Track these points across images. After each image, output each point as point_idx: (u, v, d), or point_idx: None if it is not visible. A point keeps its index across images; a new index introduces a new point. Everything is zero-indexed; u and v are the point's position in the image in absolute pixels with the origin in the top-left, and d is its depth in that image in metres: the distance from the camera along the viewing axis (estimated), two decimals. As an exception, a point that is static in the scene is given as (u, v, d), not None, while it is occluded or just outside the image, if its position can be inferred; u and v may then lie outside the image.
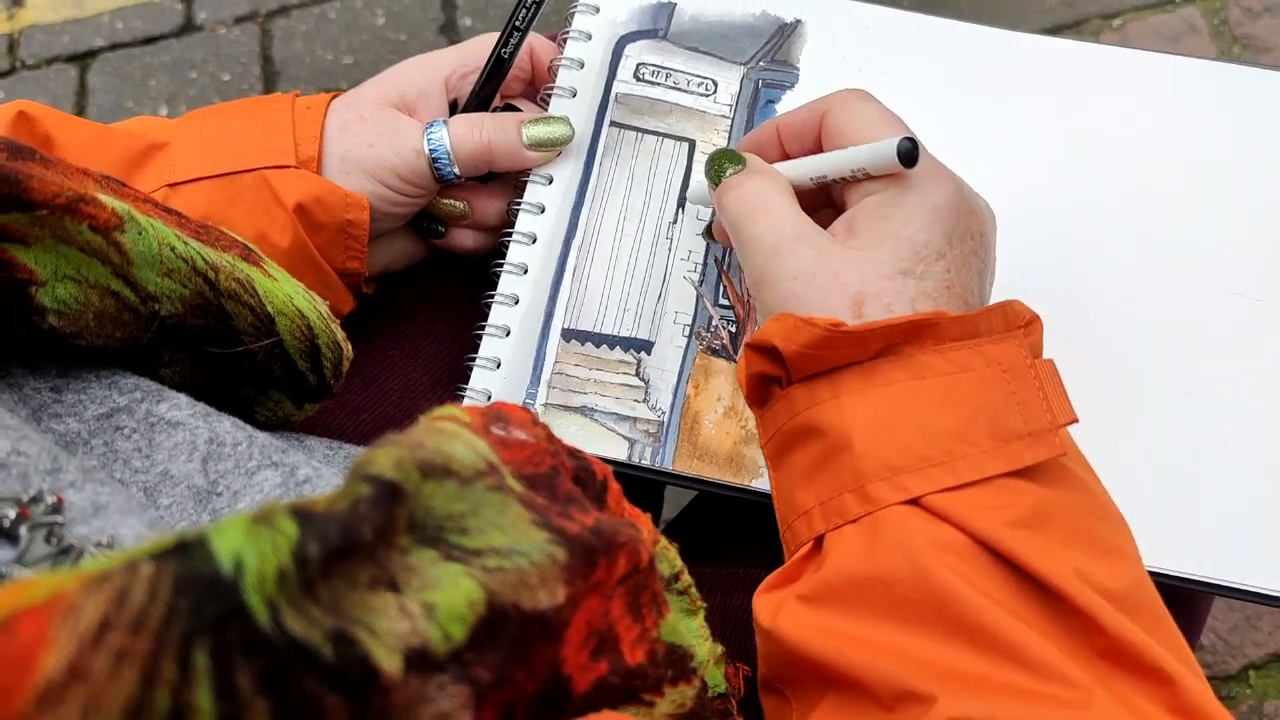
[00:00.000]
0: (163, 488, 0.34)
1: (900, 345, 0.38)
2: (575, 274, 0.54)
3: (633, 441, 0.51)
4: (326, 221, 0.51)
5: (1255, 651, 1.05)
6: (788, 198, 0.43)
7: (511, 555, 0.27)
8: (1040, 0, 1.32)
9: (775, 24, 0.57)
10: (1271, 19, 1.28)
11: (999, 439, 0.36)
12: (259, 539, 0.21)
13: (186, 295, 0.37)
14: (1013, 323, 0.39)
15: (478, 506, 0.28)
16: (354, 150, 0.52)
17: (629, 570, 0.32)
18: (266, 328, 0.40)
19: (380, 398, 0.57)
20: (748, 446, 0.51)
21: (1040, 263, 0.52)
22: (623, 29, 0.57)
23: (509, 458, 0.30)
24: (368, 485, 0.25)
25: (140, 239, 0.35)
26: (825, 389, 0.38)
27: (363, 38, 1.40)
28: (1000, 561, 0.35)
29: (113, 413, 0.35)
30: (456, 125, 0.53)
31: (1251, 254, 0.52)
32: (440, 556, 0.26)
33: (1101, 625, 0.33)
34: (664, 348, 0.53)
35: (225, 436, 0.35)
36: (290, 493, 0.35)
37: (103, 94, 1.40)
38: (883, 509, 0.36)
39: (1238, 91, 0.55)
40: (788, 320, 0.38)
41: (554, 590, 0.28)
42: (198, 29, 1.43)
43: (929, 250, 0.40)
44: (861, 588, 0.36)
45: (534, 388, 0.52)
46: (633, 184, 0.55)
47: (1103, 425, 0.38)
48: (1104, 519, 0.38)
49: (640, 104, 0.56)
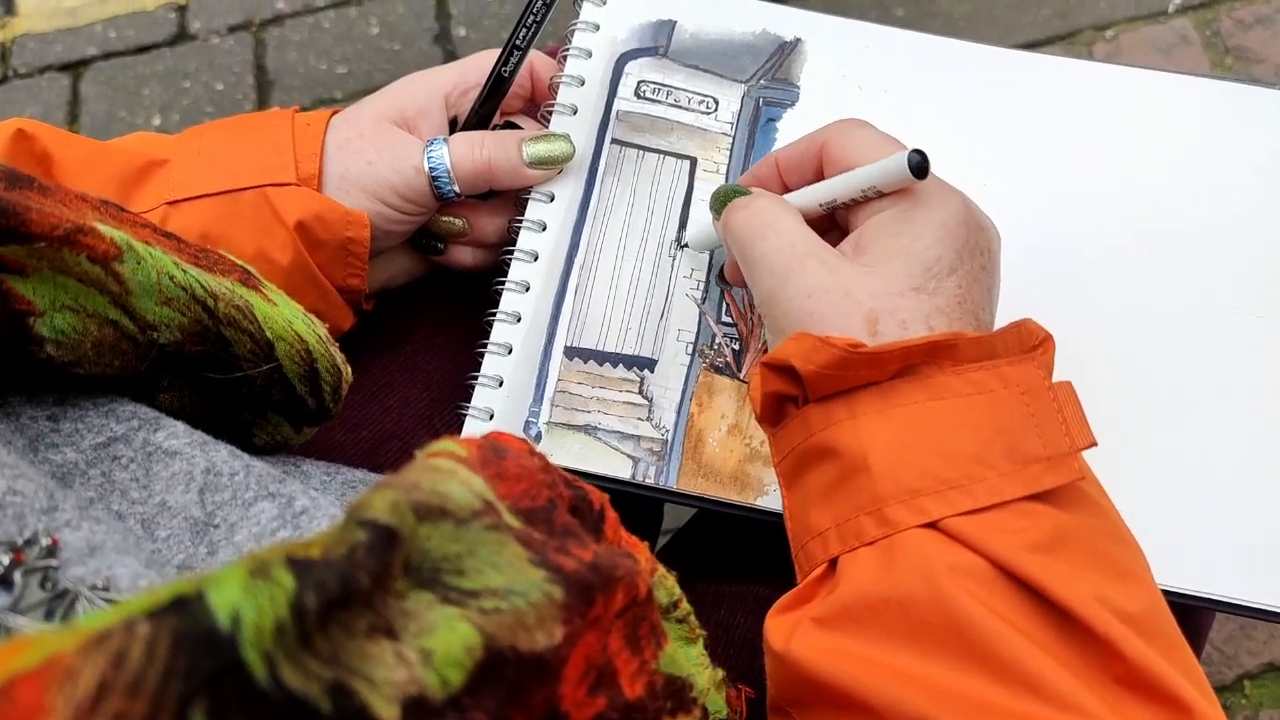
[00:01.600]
0: (160, 519, 0.34)
1: (918, 365, 0.38)
2: (577, 292, 0.53)
3: (636, 460, 0.51)
4: (327, 239, 0.51)
5: (1250, 661, 1.05)
6: (796, 217, 0.43)
7: (509, 596, 0.27)
8: (1033, 11, 1.32)
9: (775, 42, 0.57)
10: (1263, 30, 1.29)
11: (1017, 462, 0.36)
12: (256, 592, 0.21)
13: (185, 323, 0.37)
14: (1027, 343, 0.39)
15: (474, 547, 0.27)
16: (354, 168, 0.51)
17: (627, 603, 0.31)
18: (266, 353, 0.40)
19: (380, 414, 0.56)
20: (752, 464, 0.50)
21: (1040, 280, 0.52)
22: (623, 46, 0.57)
23: (506, 491, 0.30)
24: (364, 531, 0.24)
25: (139, 269, 0.35)
26: (842, 409, 0.38)
27: (357, 47, 1.40)
28: (1019, 586, 0.34)
29: (110, 442, 0.35)
30: (457, 143, 0.53)
31: (1250, 270, 0.52)
32: (437, 599, 0.26)
33: (1121, 652, 0.33)
34: (667, 365, 0.52)
35: (222, 466, 0.35)
36: (287, 524, 0.34)
37: (95, 103, 1.40)
38: (900, 532, 0.36)
39: (1233, 108, 0.55)
40: (806, 340, 0.38)
41: (551, 630, 0.27)
42: (191, 38, 1.42)
43: (940, 266, 0.40)
44: (878, 611, 0.35)
45: (536, 406, 0.52)
46: (634, 202, 0.54)
47: (1101, 441, 0.38)
48: (1120, 542, 0.38)
49: (641, 121, 0.56)
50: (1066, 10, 1.31)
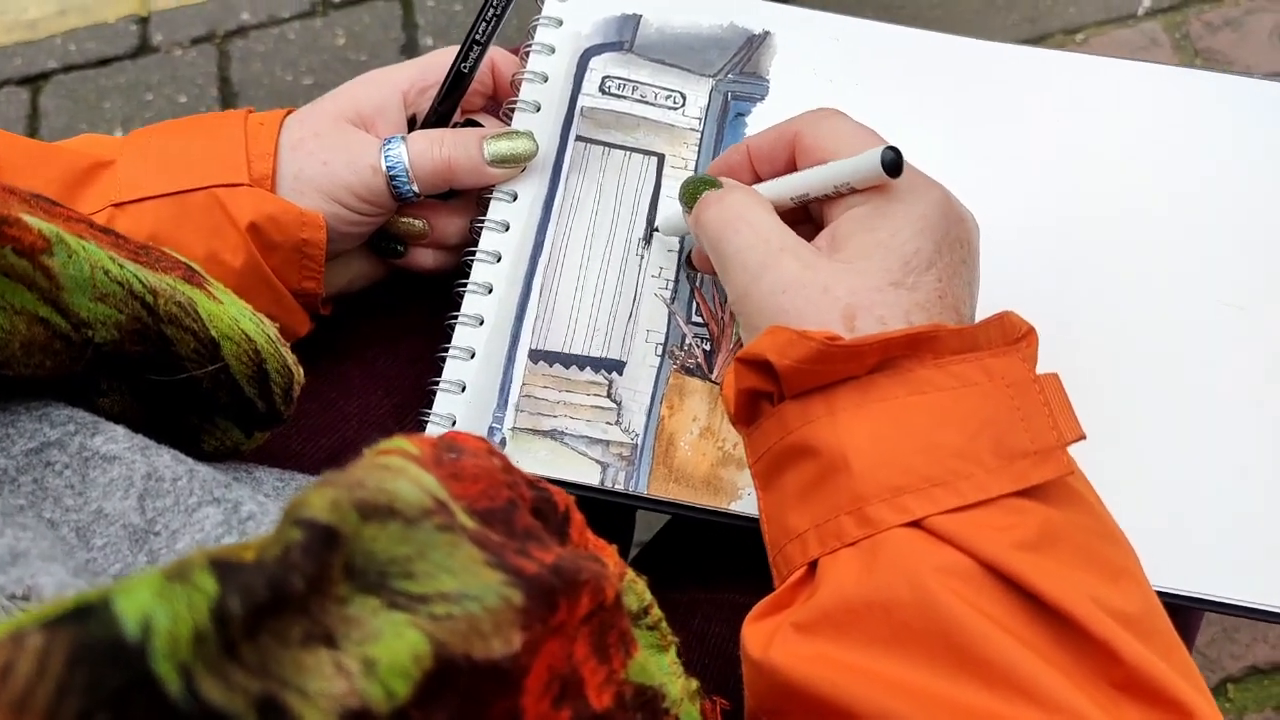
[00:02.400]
0: (96, 527, 0.32)
1: (897, 359, 0.37)
2: (542, 293, 0.52)
3: (605, 465, 0.49)
4: (281, 241, 0.49)
5: (1233, 665, 1.05)
6: (769, 211, 0.41)
7: (462, 600, 0.25)
8: (1003, 16, 1.32)
9: (743, 36, 0.55)
10: (1232, 32, 1.29)
11: (1004, 457, 0.35)
12: (172, 597, 0.19)
13: (123, 320, 0.35)
14: (1010, 335, 0.38)
15: (424, 548, 0.25)
16: (308, 168, 0.50)
17: (593, 608, 0.30)
18: (211, 353, 0.38)
19: (339, 422, 0.54)
20: (725, 468, 0.49)
21: (1021, 274, 0.51)
22: (587, 42, 0.55)
23: (461, 492, 0.28)
24: (300, 530, 0.22)
25: (70, 262, 0.33)
26: (820, 405, 0.37)
27: (323, 58, 1.38)
28: (1008, 586, 0.33)
29: (43, 447, 0.33)
30: (415, 141, 0.51)
31: (1233, 262, 0.51)
32: (383, 605, 0.24)
33: (1118, 654, 0.31)
34: (636, 368, 0.51)
35: (164, 471, 0.33)
36: (233, 531, 0.32)
37: (55, 116, 1.37)
38: (883, 531, 0.34)
39: (1216, 99, 0.54)
40: (781, 333, 0.36)
41: (509, 637, 0.25)
42: (153, 50, 1.40)
43: (919, 260, 0.38)
44: (860, 614, 0.34)
45: (501, 411, 0.50)
46: (601, 199, 0.53)
47: (1088, 438, 0.37)
48: (1111, 540, 0.36)
49: (607, 118, 0.54)
50: (1036, 14, 1.31)
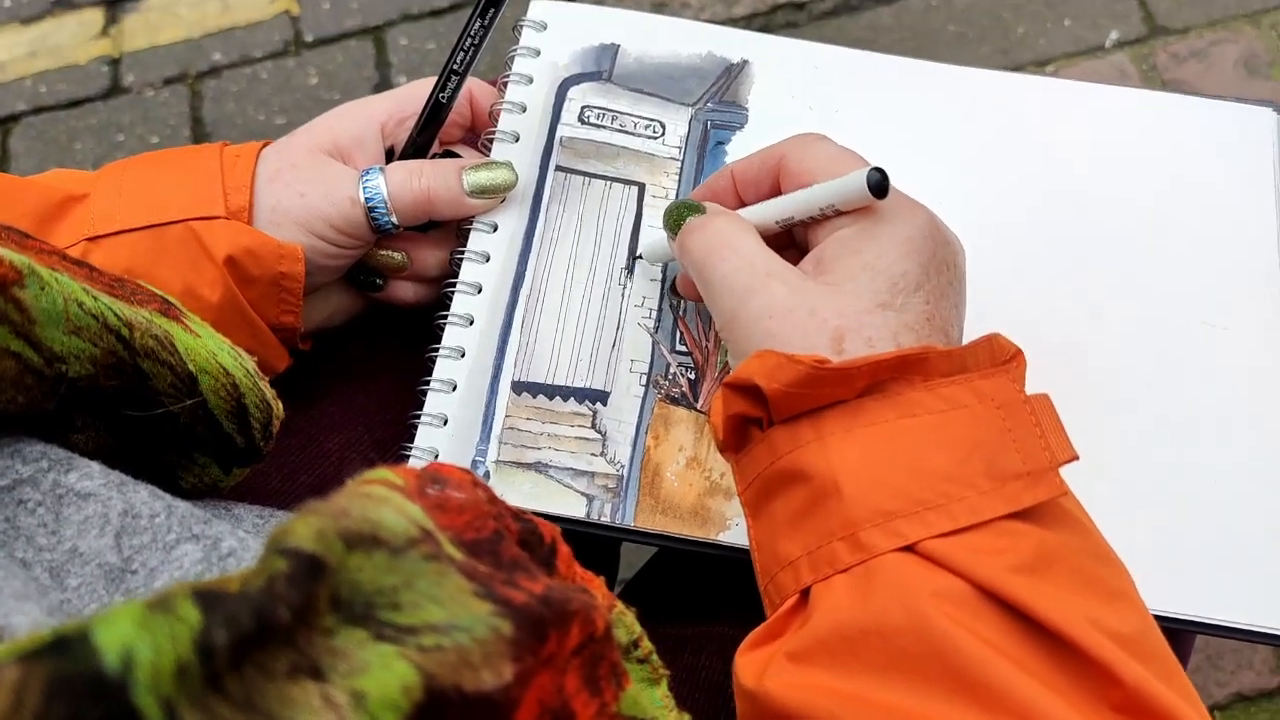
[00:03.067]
0: (70, 567, 0.31)
1: (887, 382, 0.36)
2: (524, 324, 0.51)
3: (591, 498, 0.48)
4: (259, 274, 0.48)
5: (1219, 692, 1.04)
6: (754, 236, 0.41)
7: (451, 631, 0.24)
8: (974, 49, 1.34)
9: (722, 65, 0.56)
10: (1198, 63, 1.31)
11: (996, 479, 0.34)
12: (154, 629, 0.18)
13: (97, 354, 0.34)
14: (999, 357, 0.38)
15: (411, 578, 0.25)
16: (286, 200, 0.49)
17: (584, 640, 0.29)
18: (188, 387, 0.37)
19: (319, 459, 0.53)
20: (713, 498, 0.48)
21: (1003, 297, 0.51)
22: (565, 72, 0.55)
23: (447, 522, 0.27)
24: (284, 560, 0.22)
25: (43, 295, 0.32)
26: (809, 430, 0.36)
27: (295, 97, 1.38)
28: (1004, 610, 0.32)
29: (15, 485, 0.32)
30: (394, 173, 0.50)
31: (1218, 283, 0.51)
32: (370, 636, 0.23)
33: (1118, 677, 0.31)
34: (621, 398, 0.50)
35: (141, 508, 0.32)
36: (213, 568, 0.31)
37: (25, 158, 1.36)
38: (876, 557, 0.34)
39: (1198, 122, 0.54)
40: (770, 357, 0.36)
41: (500, 668, 0.25)
42: (125, 91, 1.39)
43: (906, 281, 0.38)
44: (855, 641, 0.33)
45: (484, 444, 0.49)
46: (581, 229, 0.53)
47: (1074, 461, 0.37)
48: (1106, 561, 0.36)
49: (586, 148, 0.54)
50: (1008, 46, 1.33)
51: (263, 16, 1.43)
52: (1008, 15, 1.35)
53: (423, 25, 1.41)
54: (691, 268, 0.42)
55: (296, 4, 1.43)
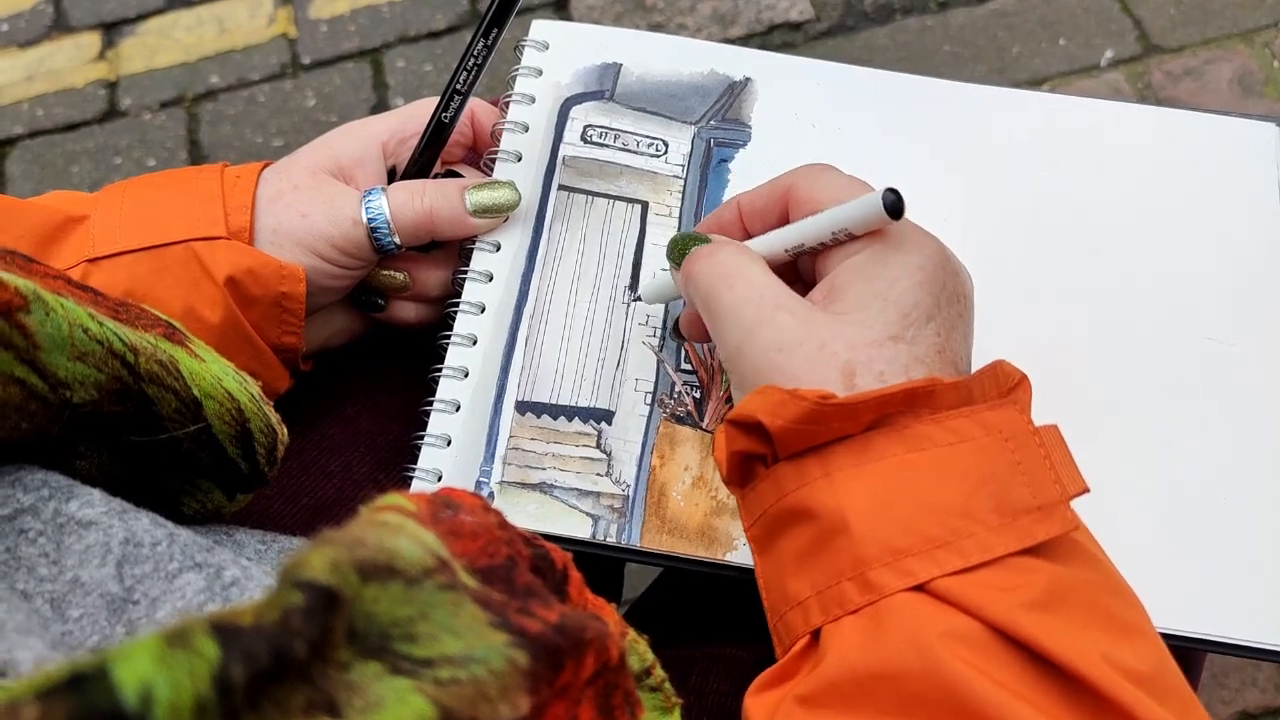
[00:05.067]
0: (72, 597, 0.30)
1: (894, 416, 0.36)
2: (528, 343, 0.51)
3: (597, 518, 0.48)
4: (260, 295, 0.48)
5: (1224, 710, 1.03)
6: (762, 266, 0.41)
7: (467, 664, 0.24)
8: (970, 68, 1.34)
9: (724, 83, 0.56)
10: (1193, 82, 1.32)
11: (1006, 514, 0.34)
12: (172, 664, 0.18)
13: (102, 380, 0.34)
14: (1004, 385, 0.37)
15: (427, 609, 0.25)
16: (287, 221, 0.49)
17: (598, 669, 0.29)
18: (193, 413, 0.36)
19: (321, 480, 0.53)
20: (719, 518, 0.48)
21: (1006, 314, 0.50)
22: (567, 91, 0.55)
23: (461, 549, 0.27)
24: (299, 593, 0.21)
25: (48, 320, 0.31)
26: (815, 467, 0.36)
27: (293, 120, 1.38)
28: (1018, 650, 0.32)
29: (16, 514, 0.31)
30: (396, 193, 0.50)
31: (1225, 301, 0.51)
32: (386, 670, 0.23)
33: (1135, 717, 0.30)
34: (625, 417, 0.50)
35: (143, 536, 0.31)
36: (215, 597, 0.31)
37: (22, 182, 1.36)
38: (886, 597, 0.33)
39: (1204, 138, 0.54)
40: (772, 394, 0.35)
41: (516, 701, 0.24)
42: (122, 114, 1.39)
43: (918, 312, 0.38)
44: (867, 686, 0.32)
45: (488, 465, 0.49)
46: (585, 248, 0.52)
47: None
48: (1120, 595, 0.35)
49: (589, 166, 0.54)
50: (1003, 65, 1.34)
51: (260, 39, 1.43)
52: (1003, 35, 1.36)
53: (420, 47, 1.41)
54: (697, 297, 0.42)
55: (294, 27, 1.43)
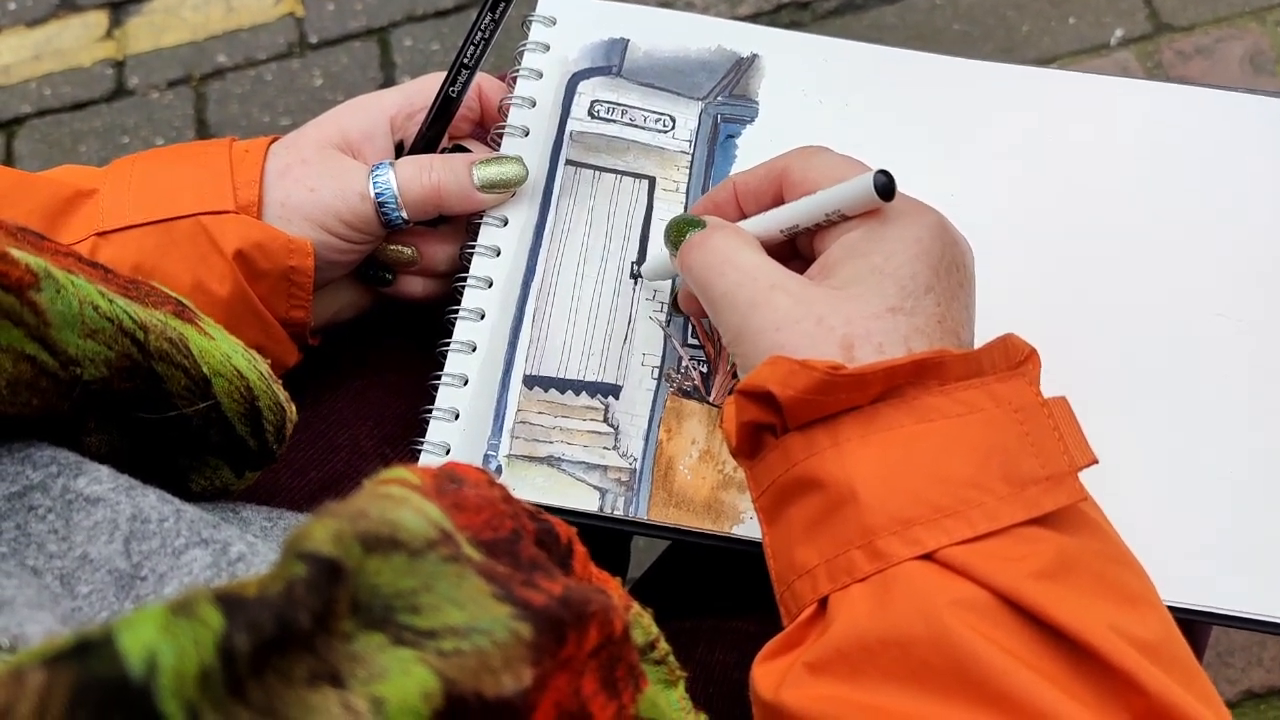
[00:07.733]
0: (81, 573, 0.30)
1: (902, 387, 0.36)
2: (535, 318, 0.51)
3: (604, 491, 0.48)
4: (268, 268, 0.48)
5: (1229, 690, 1.03)
6: (756, 248, 0.41)
7: (471, 635, 0.24)
8: (979, 47, 1.33)
9: (732, 59, 0.55)
10: (1203, 60, 1.31)
11: (1015, 484, 0.34)
12: (177, 633, 0.18)
13: (112, 358, 0.34)
14: (1014, 358, 0.37)
15: (431, 581, 0.25)
16: (295, 195, 0.49)
17: (601, 641, 0.29)
18: (202, 390, 0.37)
19: (328, 454, 0.53)
20: (726, 491, 0.48)
21: (1014, 292, 0.50)
22: (574, 66, 0.55)
23: (465, 522, 0.27)
24: (303, 564, 0.22)
25: (59, 298, 0.31)
26: (824, 437, 0.36)
27: (300, 99, 1.38)
28: (1025, 618, 0.32)
29: (26, 491, 0.31)
30: (403, 167, 0.50)
31: (1235, 277, 0.51)
32: (389, 641, 0.23)
33: (1141, 685, 0.30)
34: (633, 391, 0.50)
35: (150, 512, 0.32)
36: (222, 573, 0.31)
37: (30, 161, 1.36)
38: (894, 565, 0.33)
39: (1214, 115, 0.54)
40: (782, 364, 0.35)
41: (519, 672, 0.24)
42: (129, 93, 1.39)
43: (916, 284, 0.38)
44: (874, 652, 0.33)
45: (496, 439, 0.49)
46: (592, 223, 0.52)
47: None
48: (1126, 566, 0.35)
49: (596, 141, 0.54)
50: (1011, 45, 1.33)
51: (267, 18, 1.43)
52: (1012, 14, 1.34)
53: (427, 26, 1.41)
54: (695, 285, 0.42)
55: (301, 6, 1.43)
